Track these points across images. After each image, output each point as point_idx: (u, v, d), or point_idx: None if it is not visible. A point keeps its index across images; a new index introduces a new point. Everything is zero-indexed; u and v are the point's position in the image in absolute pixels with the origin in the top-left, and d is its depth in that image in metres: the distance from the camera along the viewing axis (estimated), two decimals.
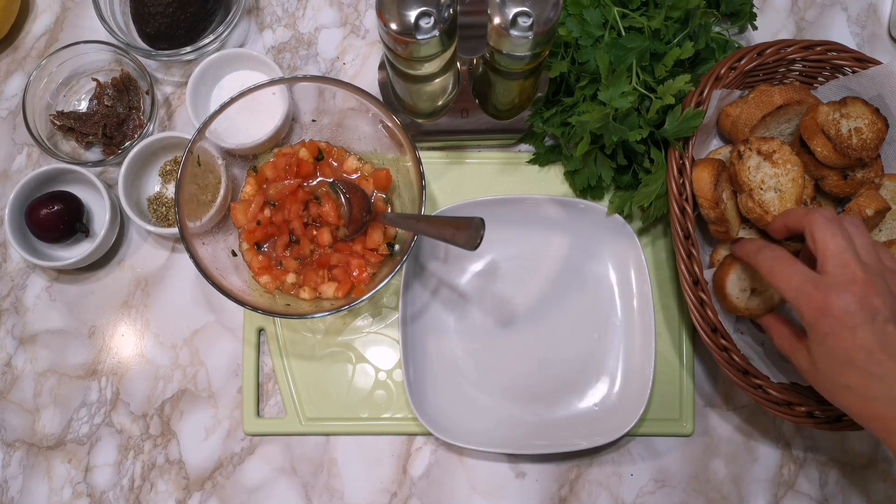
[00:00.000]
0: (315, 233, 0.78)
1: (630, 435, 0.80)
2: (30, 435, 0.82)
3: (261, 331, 0.83)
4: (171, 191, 0.86)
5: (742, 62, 0.78)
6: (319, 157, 0.81)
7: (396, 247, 0.79)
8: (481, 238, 0.62)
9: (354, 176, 0.81)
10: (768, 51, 0.79)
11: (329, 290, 0.76)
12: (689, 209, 0.75)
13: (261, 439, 0.82)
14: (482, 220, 0.63)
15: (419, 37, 0.62)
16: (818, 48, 0.80)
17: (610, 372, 0.82)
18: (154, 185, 0.87)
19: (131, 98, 0.88)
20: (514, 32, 0.63)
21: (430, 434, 0.79)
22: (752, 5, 0.86)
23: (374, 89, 0.83)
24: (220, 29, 0.86)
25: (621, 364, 0.82)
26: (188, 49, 0.85)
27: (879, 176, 0.80)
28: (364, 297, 0.71)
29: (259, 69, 0.88)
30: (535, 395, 0.81)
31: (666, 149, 0.79)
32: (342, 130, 0.81)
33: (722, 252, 0.81)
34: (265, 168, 0.80)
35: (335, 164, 0.81)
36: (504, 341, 0.83)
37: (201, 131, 0.71)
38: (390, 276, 0.71)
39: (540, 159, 0.86)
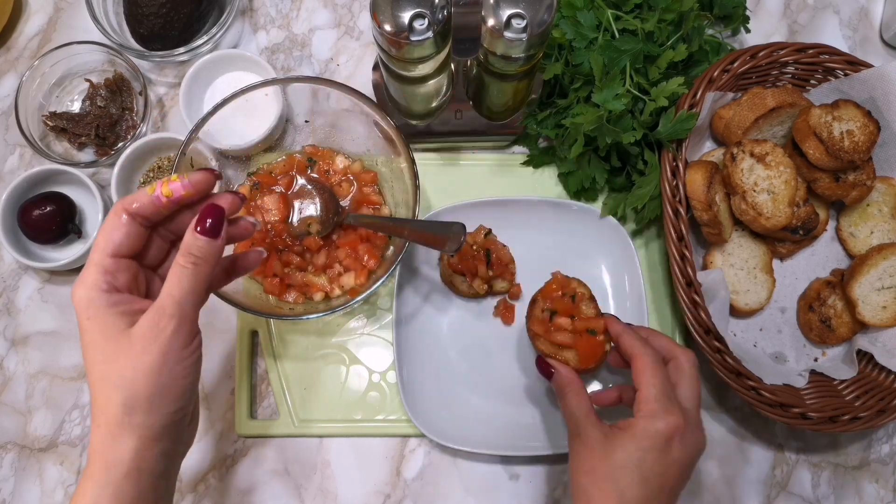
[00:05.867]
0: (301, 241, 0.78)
1: None
2: (21, 437, 0.82)
3: (254, 332, 0.83)
4: None
5: (735, 65, 0.78)
6: (311, 162, 0.81)
7: None
8: (462, 244, 0.64)
9: (343, 177, 0.81)
10: (761, 53, 0.79)
11: (349, 279, 0.76)
12: (682, 211, 0.75)
13: (254, 441, 0.82)
14: (463, 227, 0.64)
15: (413, 38, 0.62)
16: (810, 51, 0.80)
17: (604, 373, 0.82)
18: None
19: (124, 99, 0.88)
20: (508, 34, 0.63)
21: (423, 436, 0.79)
22: (746, 8, 0.86)
23: (369, 90, 0.83)
24: (214, 30, 0.86)
25: None
26: (182, 50, 0.85)
27: (871, 178, 0.80)
28: (360, 297, 0.70)
29: (253, 70, 0.88)
30: (528, 397, 0.81)
31: (659, 151, 0.79)
32: (336, 132, 0.81)
33: (715, 254, 0.82)
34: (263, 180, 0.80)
35: (326, 167, 0.81)
36: (498, 343, 0.82)
37: (194, 132, 0.71)
38: (386, 276, 0.70)
39: (534, 161, 0.86)
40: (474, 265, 0.80)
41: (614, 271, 0.83)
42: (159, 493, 0.51)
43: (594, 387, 0.82)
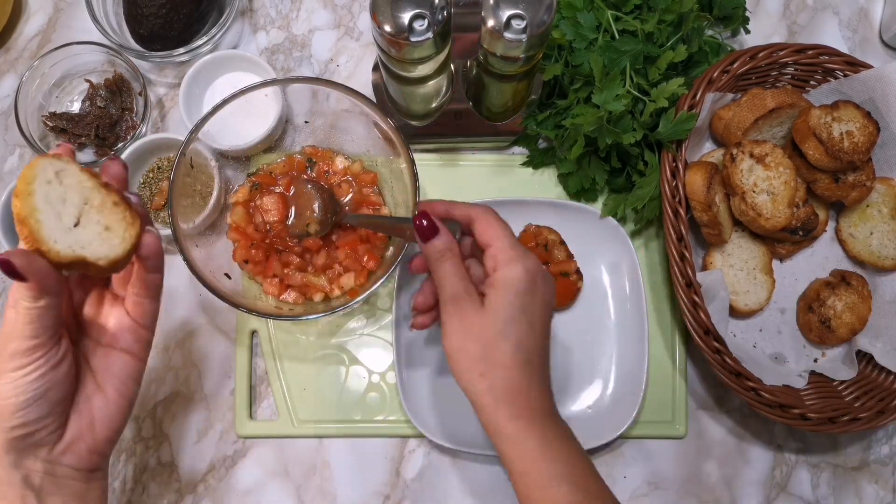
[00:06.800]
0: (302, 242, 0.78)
1: (623, 437, 0.80)
2: None
3: (254, 333, 0.83)
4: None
5: (735, 65, 0.78)
6: (311, 162, 0.81)
7: None
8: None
9: (343, 177, 0.81)
10: (761, 54, 0.79)
11: (349, 280, 0.76)
12: (682, 212, 0.75)
13: (253, 442, 0.82)
14: (459, 225, 0.64)
15: (413, 39, 0.62)
16: (810, 52, 0.80)
17: (603, 374, 0.82)
18: None
19: (124, 99, 0.88)
20: (507, 35, 0.63)
21: (423, 436, 0.79)
22: (745, 9, 0.86)
23: (368, 91, 0.83)
24: (214, 30, 0.86)
25: (614, 366, 0.82)
26: (181, 50, 0.85)
27: (871, 179, 0.81)
28: (360, 297, 0.70)
29: (252, 71, 0.88)
30: None
31: (659, 151, 0.79)
32: (335, 132, 0.81)
33: (715, 255, 0.82)
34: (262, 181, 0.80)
35: (325, 168, 0.81)
36: None
37: (194, 133, 0.71)
38: (386, 276, 0.70)
39: (534, 162, 0.86)
40: None
41: (614, 272, 0.83)
42: (26, 502, 0.51)
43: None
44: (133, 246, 0.51)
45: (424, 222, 0.60)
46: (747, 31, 0.89)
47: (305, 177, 0.80)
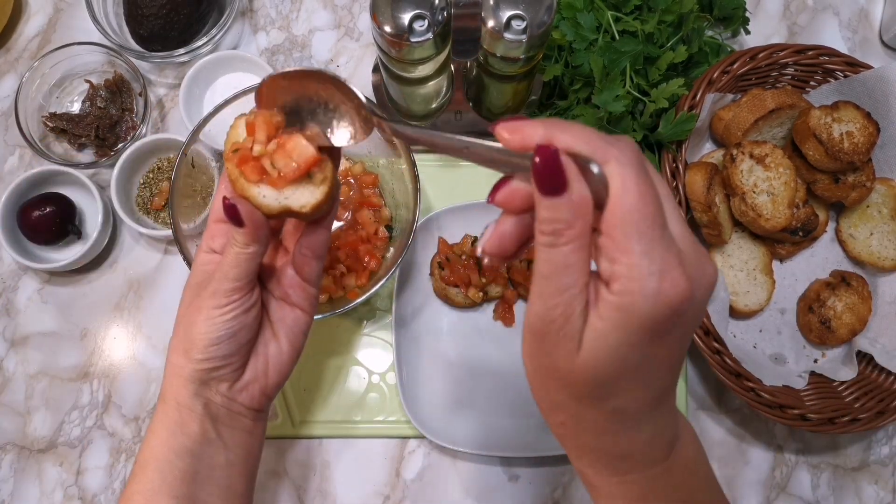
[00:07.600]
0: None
1: None
2: (21, 438, 0.82)
3: None
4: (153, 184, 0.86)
5: (735, 66, 0.78)
6: None
7: (395, 231, 0.79)
8: None
9: (344, 178, 0.81)
10: (761, 55, 0.79)
11: (351, 280, 0.76)
12: (681, 212, 0.75)
13: None
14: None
15: (413, 39, 0.62)
16: (810, 52, 0.80)
17: None
18: None
19: (124, 100, 0.88)
20: (507, 36, 0.63)
21: (423, 437, 0.79)
22: (745, 10, 0.86)
23: (368, 92, 0.83)
24: (214, 31, 0.86)
25: None
26: (181, 51, 0.85)
27: (871, 180, 0.81)
28: (360, 298, 0.70)
29: (253, 71, 0.88)
30: (528, 398, 0.81)
31: (659, 152, 0.79)
32: None
33: (715, 255, 0.82)
34: None
35: None
36: (497, 344, 0.82)
37: (196, 133, 0.71)
38: (387, 277, 0.70)
39: None
40: (467, 275, 0.80)
41: None
42: (204, 427, 0.53)
43: None
44: (330, 188, 0.51)
45: (547, 160, 0.35)
46: (747, 32, 0.89)
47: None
